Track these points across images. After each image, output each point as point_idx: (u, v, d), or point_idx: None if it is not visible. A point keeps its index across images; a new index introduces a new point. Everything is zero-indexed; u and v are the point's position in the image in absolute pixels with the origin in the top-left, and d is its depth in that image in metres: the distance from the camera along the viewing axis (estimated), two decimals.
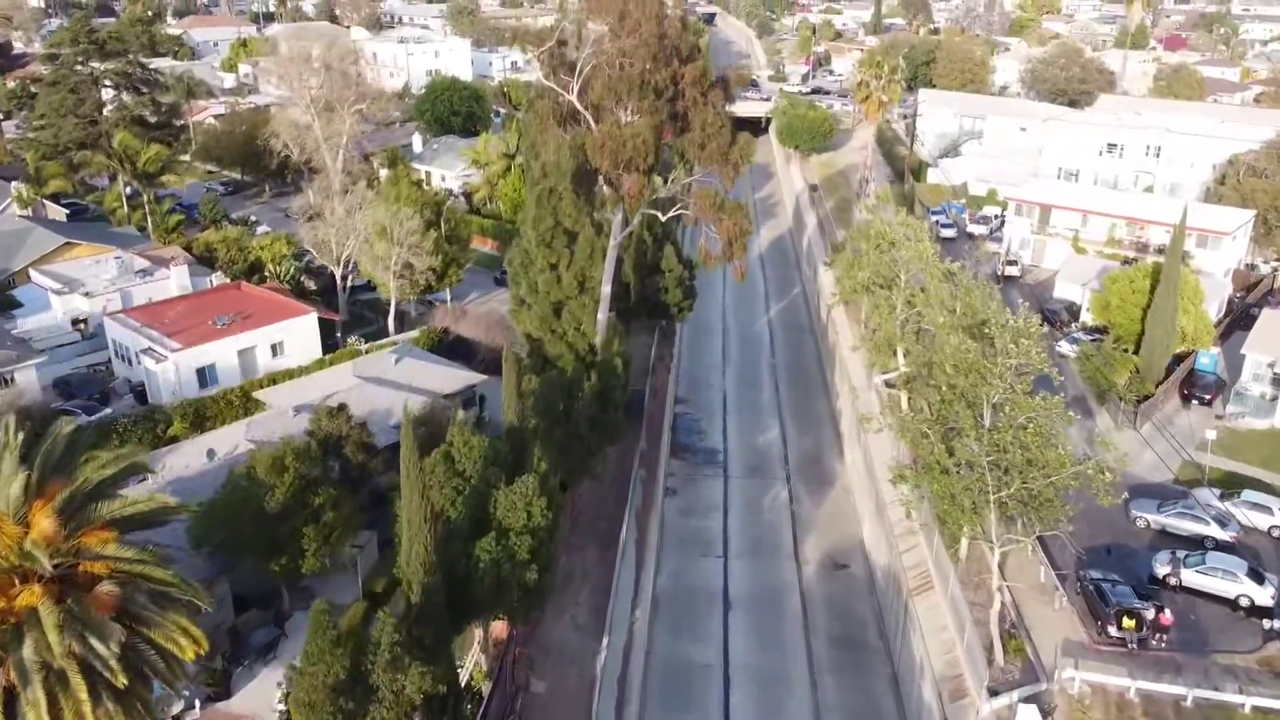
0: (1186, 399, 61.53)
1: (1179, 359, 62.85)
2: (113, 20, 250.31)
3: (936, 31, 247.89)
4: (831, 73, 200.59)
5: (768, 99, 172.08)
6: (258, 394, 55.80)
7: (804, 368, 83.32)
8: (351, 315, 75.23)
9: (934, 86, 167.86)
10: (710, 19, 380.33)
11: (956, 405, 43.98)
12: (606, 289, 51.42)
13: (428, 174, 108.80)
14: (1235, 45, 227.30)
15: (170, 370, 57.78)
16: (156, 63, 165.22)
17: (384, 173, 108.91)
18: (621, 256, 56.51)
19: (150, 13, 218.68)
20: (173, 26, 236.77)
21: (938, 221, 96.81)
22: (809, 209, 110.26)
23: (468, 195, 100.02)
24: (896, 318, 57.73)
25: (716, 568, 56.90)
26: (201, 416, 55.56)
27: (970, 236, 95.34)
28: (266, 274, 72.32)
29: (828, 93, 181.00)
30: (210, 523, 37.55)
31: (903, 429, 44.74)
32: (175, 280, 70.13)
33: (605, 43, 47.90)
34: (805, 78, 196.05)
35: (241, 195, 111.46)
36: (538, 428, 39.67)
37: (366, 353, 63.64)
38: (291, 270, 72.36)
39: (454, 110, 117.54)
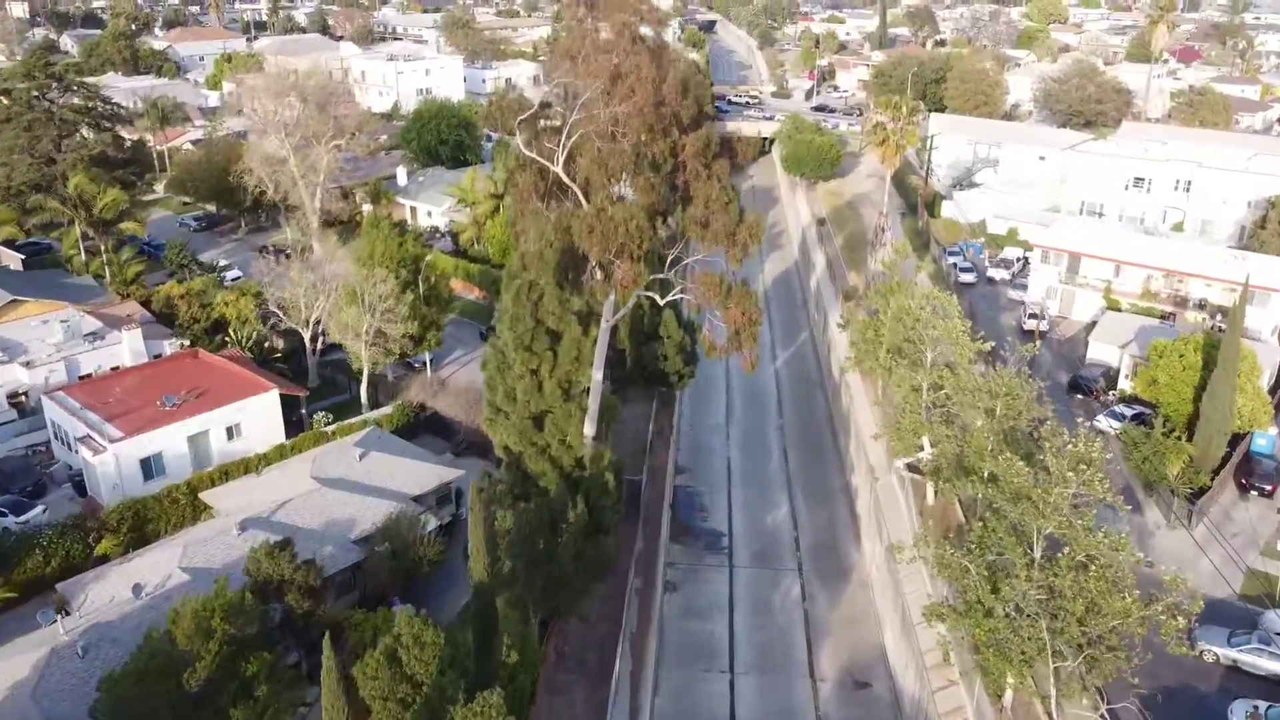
0: (1244, 489, 55.36)
1: (1233, 440, 56.64)
2: (99, 32, 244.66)
3: (943, 43, 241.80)
4: (836, 88, 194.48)
5: (771, 118, 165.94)
6: (205, 495, 49.59)
7: (814, 430, 77.04)
8: (322, 379, 69.10)
9: (944, 108, 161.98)
10: (710, 26, 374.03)
11: (1001, 534, 37.87)
12: (598, 376, 45.27)
13: (413, 209, 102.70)
14: (1250, 58, 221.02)
15: (110, 463, 51.58)
16: (136, 81, 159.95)
17: (367, 208, 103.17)
18: (616, 324, 50.59)
19: (134, 26, 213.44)
20: (160, 39, 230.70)
21: (955, 264, 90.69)
22: (817, 246, 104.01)
23: (454, 235, 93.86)
24: (922, 404, 51.57)
25: (722, 686, 50.65)
26: (142, 520, 49.37)
27: (991, 281, 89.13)
28: (228, 338, 66.05)
29: (833, 110, 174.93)
30: (116, 703, 31.32)
31: (940, 565, 38.53)
32: (128, 345, 64.02)
33: (595, 105, 41.73)
34: (809, 93, 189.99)
35: (216, 231, 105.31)
36: (514, 574, 33.56)
37: (333, 434, 57.45)
38: (254, 336, 66.02)
39: (441, 139, 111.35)
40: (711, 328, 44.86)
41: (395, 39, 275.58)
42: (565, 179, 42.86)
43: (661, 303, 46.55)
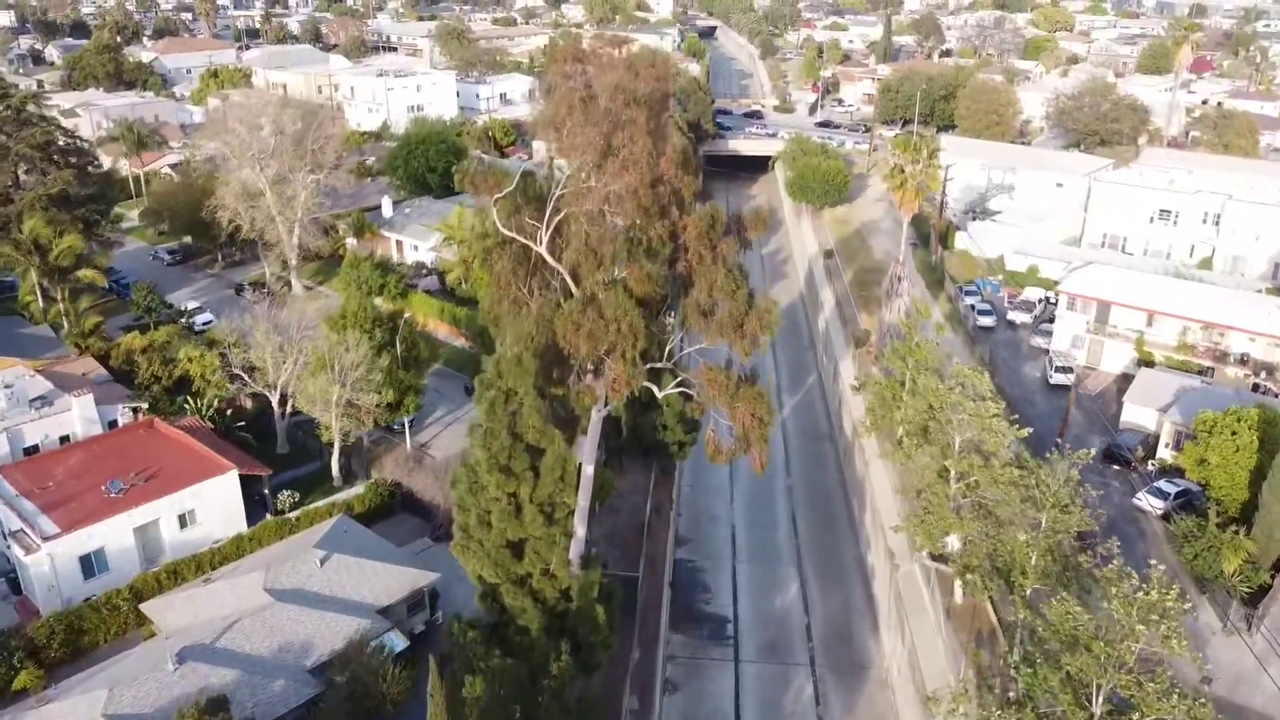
0: None
1: None
2: (86, 42, 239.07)
3: (949, 53, 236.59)
4: (841, 102, 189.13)
5: (774, 134, 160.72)
6: (147, 608, 44.17)
7: (824, 493, 71.57)
8: (292, 444, 63.60)
9: (954, 127, 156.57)
10: (710, 32, 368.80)
11: (1054, 683, 32.51)
12: (589, 470, 39.84)
13: (398, 243, 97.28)
14: (1265, 69, 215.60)
15: (44, 563, 46.18)
16: (117, 99, 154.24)
17: (350, 242, 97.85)
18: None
19: (118, 39, 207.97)
20: (147, 49, 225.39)
21: (973, 306, 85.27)
22: (825, 282, 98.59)
23: (440, 274, 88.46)
24: (950, 499, 46.17)
25: None
26: (77, 633, 43.97)
27: (1011, 325, 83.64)
28: (188, 404, 60.58)
29: (838, 126, 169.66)
30: None
31: None
32: (78, 414, 58.56)
33: (584, 176, 36.37)
34: (813, 107, 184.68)
35: (191, 264, 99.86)
36: None
37: (297, 521, 52.06)
38: (214, 404, 60.56)
39: (430, 166, 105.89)
40: (716, 428, 39.45)
41: (390, 49, 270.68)
42: (550, 260, 37.52)
43: (660, 395, 41.11)
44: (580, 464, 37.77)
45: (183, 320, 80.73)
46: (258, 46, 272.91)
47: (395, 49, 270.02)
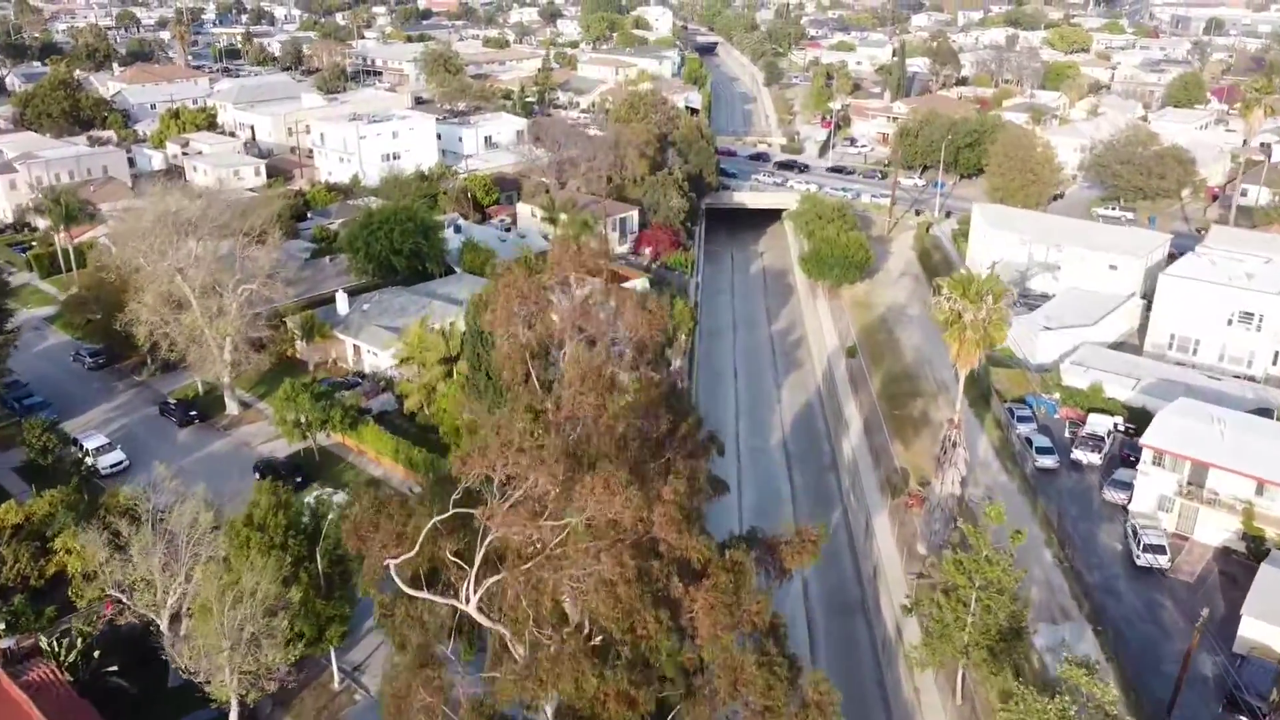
0: None
1: None
2: (50, 67, 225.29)
3: (965, 81, 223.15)
4: (853, 142, 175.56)
5: (782, 182, 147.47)
6: None
7: (859, 693, 57.97)
8: (185, 683, 49.94)
9: (979, 171, 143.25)
10: (711, 49, 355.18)
11: None
12: None
13: (355, 348, 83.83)
14: None
15: None
16: (61, 150, 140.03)
17: (301, 345, 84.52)
18: None
19: (73, 74, 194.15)
20: (114, 79, 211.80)
21: (1029, 439, 71.74)
22: (849, 391, 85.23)
23: (400, 396, 75.02)
24: None
25: None
26: None
27: (1076, 466, 70.09)
28: (44, 646, 47.07)
29: (851, 172, 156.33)
30: None
31: None
32: None
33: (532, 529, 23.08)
34: (823, 147, 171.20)
35: (116, 369, 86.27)
36: None
37: None
38: (79, 648, 47.02)
39: (394, 248, 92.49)
40: None
41: (374, 73, 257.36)
42: (483, 620, 24.32)
43: None
44: None
45: (84, 462, 67.36)
46: (235, 73, 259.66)
47: (380, 73, 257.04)
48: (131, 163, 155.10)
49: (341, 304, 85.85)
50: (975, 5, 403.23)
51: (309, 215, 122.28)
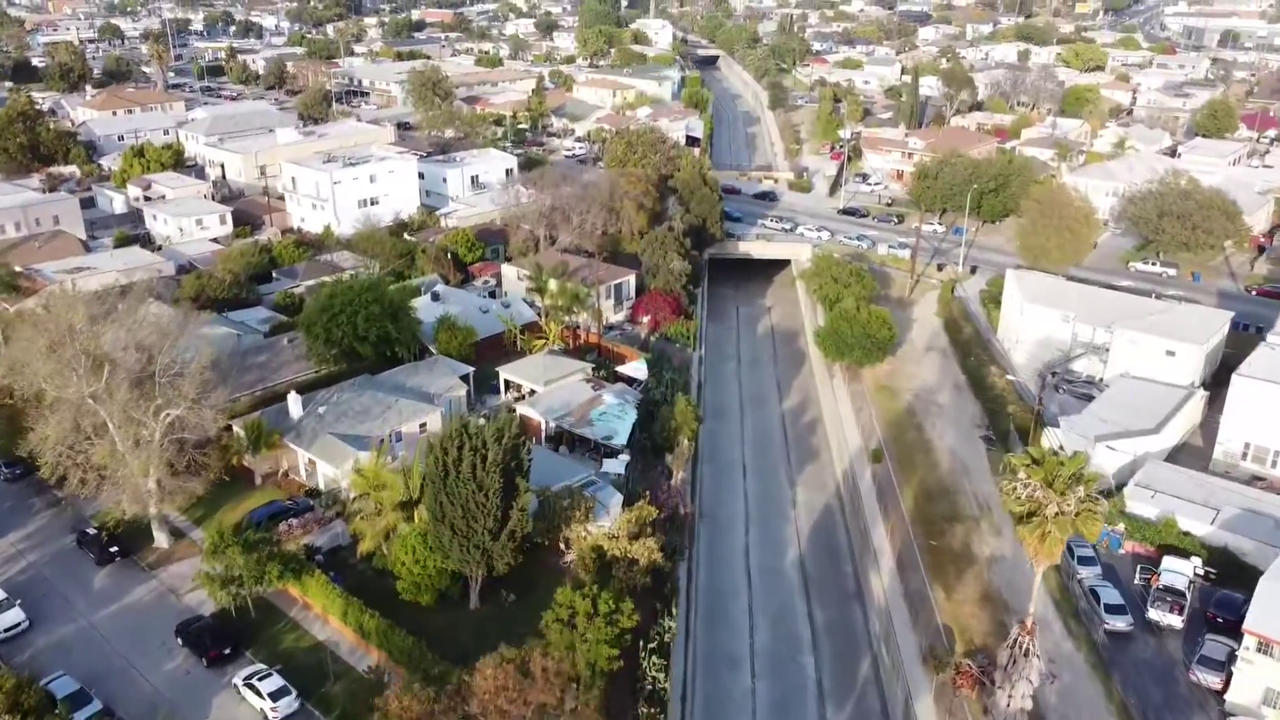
0: None
1: None
2: (20, 92, 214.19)
3: (979, 105, 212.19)
4: (865, 178, 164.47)
5: (791, 227, 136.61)
6: None
7: None
8: None
9: (1003, 215, 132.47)
10: (712, 62, 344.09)
11: None
12: None
13: (310, 463, 72.78)
14: None
15: None
16: (7, 197, 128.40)
17: (250, 459, 73.47)
18: None
19: (48, 95, 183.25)
20: (84, 103, 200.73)
21: (1093, 589, 60.81)
22: (876, 511, 74.27)
23: (355, 534, 63.94)
24: None
25: None
26: None
27: (1152, 628, 59.03)
28: None
29: (865, 214, 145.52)
30: None
31: None
32: None
33: None
34: (834, 184, 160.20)
35: (35, 483, 74.82)
36: None
37: None
38: None
39: (358, 335, 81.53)
40: None
41: (361, 94, 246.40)
42: None
43: None
44: None
45: None
46: (217, 92, 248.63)
47: (366, 94, 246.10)
48: (92, 203, 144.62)
49: (294, 406, 74.75)
50: (984, 18, 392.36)
51: (274, 275, 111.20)
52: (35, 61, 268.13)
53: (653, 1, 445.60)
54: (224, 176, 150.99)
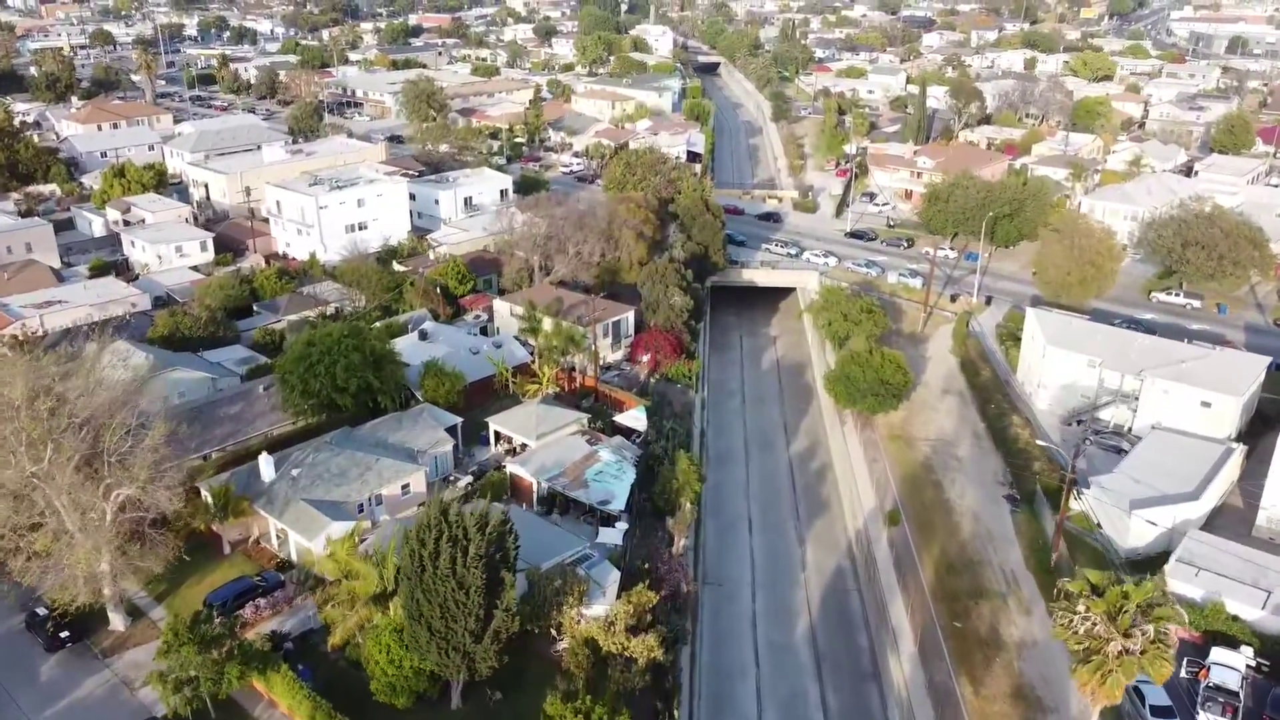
0: None
1: None
2: (8, 100, 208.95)
3: (989, 119, 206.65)
4: (872, 197, 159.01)
5: (797, 253, 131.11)
6: None
7: None
8: None
9: (1016, 240, 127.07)
10: (713, 69, 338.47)
11: None
12: None
13: (281, 533, 67.31)
14: None
15: None
16: None
17: (219, 525, 68.04)
18: None
19: (34, 107, 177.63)
20: (69, 116, 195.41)
21: (1136, 687, 55.18)
22: (894, 584, 68.87)
23: (327, 623, 58.50)
24: None
25: None
26: None
27: None
28: None
29: (873, 238, 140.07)
30: None
31: None
32: None
33: None
34: (840, 205, 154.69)
35: None
36: None
37: None
38: None
39: (337, 385, 76.04)
40: None
41: (354, 104, 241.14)
42: None
43: None
44: None
45: None
46: (208, 103, 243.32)
47: (360, 104, 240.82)
48: (71, 225, 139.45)
49: (266, 468, 69.24)
50: (988, 24, 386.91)
51: (255, 308, 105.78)
52: (22, 70, 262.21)
53: (653, 6, 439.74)
54: (208, 197, 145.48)
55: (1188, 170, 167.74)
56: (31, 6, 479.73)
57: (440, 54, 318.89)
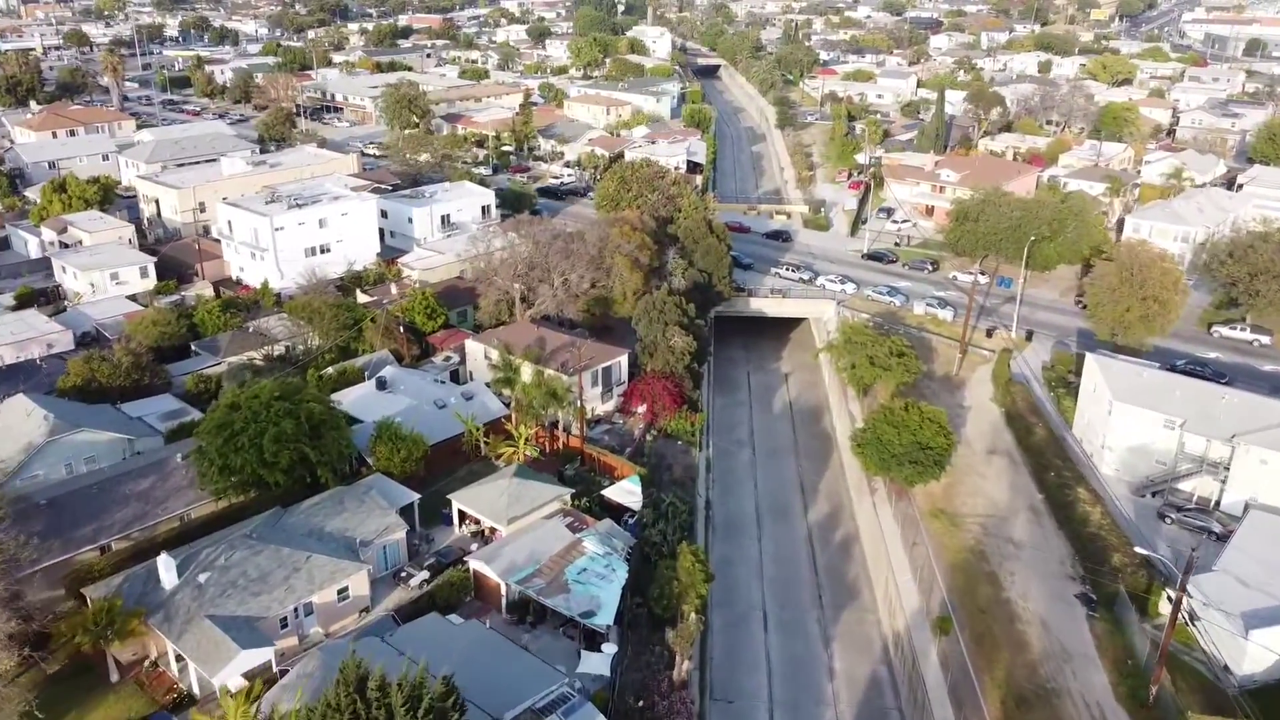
0: None
1: None
2: None
3: (1010, 127, 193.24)
4: (889, 213, 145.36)
5: (811, 278, 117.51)
6: None
7: None
8: None
9: (1052, 265, 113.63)
10: (713, 71, 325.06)
11: None
12: None
13: (178, 658, 53.49)
14: None
15: None
16: None
17: (121, 658, 54.34)
18: None
19: None
20: (22, 123, 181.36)
21: None
22: (942, 687, 55.25)
23: None
24: None
25: None
26: None
27: None
28: None
29: (893, 260, 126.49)
30: None
31: None
32: None
33: None
34: (855, 223, 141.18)
35: None
36: None
37: None
38: None
39: (265, 460, 62.27)
40: None
41: (334, 109, 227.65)
42: None
43: None
44: None
45: None
46: (179, 108, 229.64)
47: (340, 109, 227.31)
48: (7, 245, 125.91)
49: (166, 574, 55.52)
50: (998, 26, 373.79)
51: (193, 348, 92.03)
52: None
53: (650, 8, 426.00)
54: (159, 214, 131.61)
55: (1229, 183, 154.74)
56: (13, 7, 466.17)
57: (428, 56, 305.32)
